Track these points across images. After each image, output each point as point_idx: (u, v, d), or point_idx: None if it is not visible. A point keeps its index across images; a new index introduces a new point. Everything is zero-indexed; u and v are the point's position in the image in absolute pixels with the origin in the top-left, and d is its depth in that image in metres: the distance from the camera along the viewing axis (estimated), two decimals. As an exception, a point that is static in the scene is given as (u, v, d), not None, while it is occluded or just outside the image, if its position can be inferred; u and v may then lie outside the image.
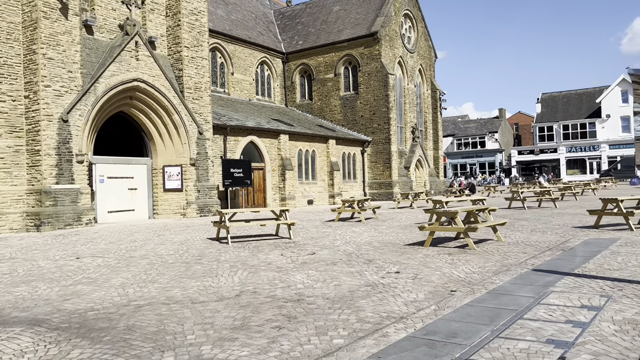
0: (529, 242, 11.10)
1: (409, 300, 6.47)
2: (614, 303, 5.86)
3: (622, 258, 8.66)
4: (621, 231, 12.31)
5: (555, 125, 60.51)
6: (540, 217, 17.11)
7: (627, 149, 52.72)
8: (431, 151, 39.21)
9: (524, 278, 7.46)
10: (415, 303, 6.31)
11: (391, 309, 6.05)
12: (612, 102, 56.35)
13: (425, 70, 39.01)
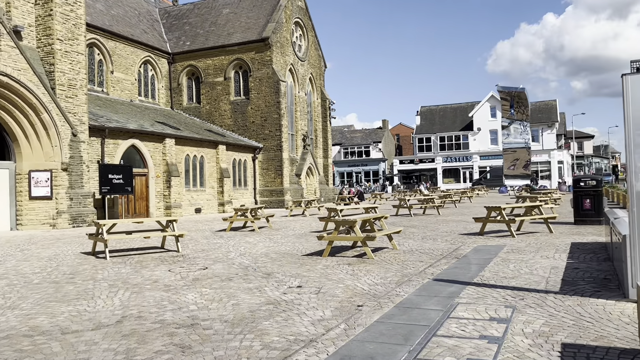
0: (423, 250, 11.20)
1: (315, 319, 5.98)
2: (519, 314, 5.84)
3: (513, 265, 8.94)
4: (504, 237, 12.95)
5: (433, 136, 64.43)
6: (427, 224, 17.65)
7: (496, 160, 57.56)
8: (321, 159, 39.56)
9: (428, 289, 7.32)
10: (323, 322, 5.83)
11: (298, 331, 5.51)
12: (483, 117, 61.32)
13: (316, 79, 39.35)
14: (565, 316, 5.66)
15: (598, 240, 11.83)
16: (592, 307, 5.98)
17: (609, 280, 7.37)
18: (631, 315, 5.57)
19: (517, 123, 47.78)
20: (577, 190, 16.11)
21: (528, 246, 11.29)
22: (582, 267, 8.52)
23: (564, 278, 7.67)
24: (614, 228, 7.85)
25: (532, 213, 14.82)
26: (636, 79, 5.89)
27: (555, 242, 11.73)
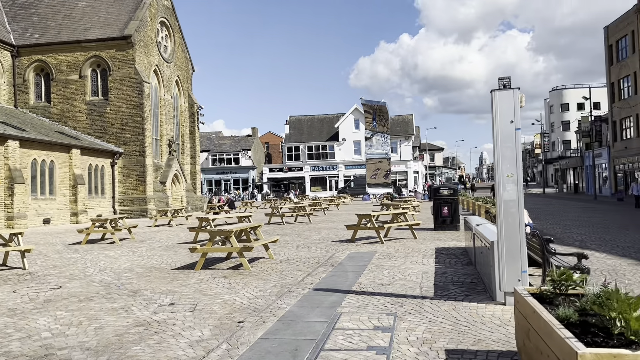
0: (299, 259, 11.09)
1: (193, 339, 5.47)
2: (401, 321, 5.90)
3: (387, 272, 9.16)
4: (374, 244, 13.35)
5: (302, 145, 65.66)
6: (300, 232, 17.68)
7: (359, 169, 60.31)
8: (188, 166, 38.03)
9: (309, 299, 7.15)
10: (202, 343, 5.35)
11: (175, 355, 4.98)
12: (347, 128, 63.98)
13: (183, 82, 37.84)
14: (444, 321, 5.83)
15: (458, 245, 12.70)
16: (465, 311, 6.25)
17: (476, 284, 7.84)
18: (501, 317, 5.90)
19: (378, 135, 50.50)
20: (436, 198, 17.26)
21: (397, 252, 11.73)
22: (449, 271, 9.00)
23: (436, 283, 8.01)
24: (478, 234, 8.40)
25: (398, 220, 15.54)
26: (504, 95, 6.31)
27: (421, 248, 12.36)
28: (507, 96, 6.30)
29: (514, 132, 6.30)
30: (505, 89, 6.34)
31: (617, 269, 9.06)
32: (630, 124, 43.65)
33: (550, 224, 18.77)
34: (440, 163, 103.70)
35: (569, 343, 2.92)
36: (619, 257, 10.46)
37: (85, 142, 28.34)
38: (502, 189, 6.32)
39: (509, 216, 6.28)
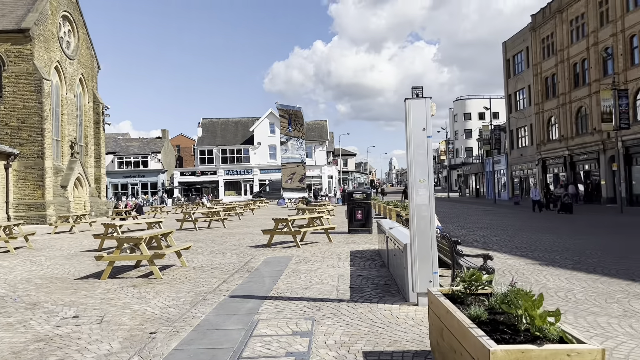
0: (214, 265, 10.82)
1: (101, 353, 5.14)
2: (319, 325, 5.92)
3: (304, 276, 9.18)
4: (291, 248, 13.35)
5: (215, 149, 64.42)
6: (214, 238, 17.29)
7: (275, 173, 60.17)
8: (92, 169, 35.92)
9: (225, 307, 6.99)
10: (112, 357, 5.04)
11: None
12: (263, 132, 63.69)
13: (87, 81, 35.75)
14: (360, 324, 5.93)
15: (372, 247, 13.02)
16: (381, 312, 6.40)
17: (389, 285, 8.06)
18: (414, 317, 6.11)
19: (294, 139, 50.74)
20: (350, 202, 17.62)
21: (313, 256, 11.81)
22: (364, 274, 9.19)
23: (352, 286, 8.14)
24: (391, 237, 8.65)
25: (314, 224, 15.66)
26: (417, 103, 6.56)
27: (337, 251, 12.53)
28: (420, 105, 6.56)
29: (426, 140, 6.57)
30: (418, 98, 6.60)
31: (517, 268, 9.72)
32: (525, 133, 47.28)
33: (455, 226, 19.80)
34: (353, 168, 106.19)
35: (482, 341, 3.06)
36: (517, 257, 11.24)
37: (-26, 142, 25.88)
38: (414, 194, 6.56)
39: (421, 220, 6.52)
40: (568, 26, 38.59)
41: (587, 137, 36.17)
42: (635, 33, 30.82)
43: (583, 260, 10.54)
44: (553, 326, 3.08)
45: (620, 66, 32.10)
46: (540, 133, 43.24)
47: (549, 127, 42.37)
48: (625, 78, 31.47)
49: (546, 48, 42.36)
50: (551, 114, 41.60)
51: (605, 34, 33.73)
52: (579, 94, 37.11)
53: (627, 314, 6.18)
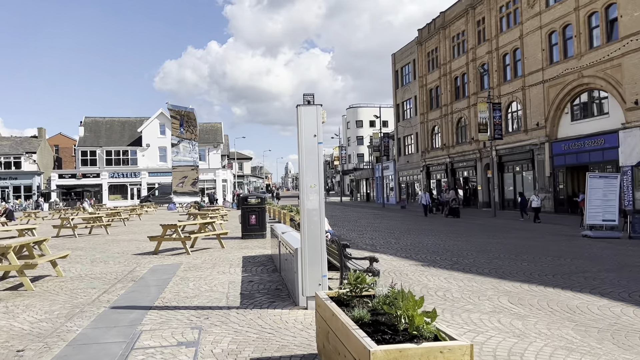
0: (94, 275, 10.14)
1: (-45, 379, 4.58)
2: (206, 334, 5.76)
3: (193, 284, 8.90)
4: (180, 255, 12.89)
5: (99, 150, 60.59)
6: (96, 245, 16.22)
7: (165, 177, 57.80)
8: (-46, 170, 32.14)
9: (105, 319, 6.56)
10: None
11: None
12: (152, 133, 60.97)
13: (-51, 71, 31.97)
14: (249, 330, 5.87)
15: (264, 252, 12.98)
16: (270, 318, 6.38)
17: (280, 290, 8.07)
18: (303, 321, 6.16)
19: (186, 142, 49.21)
20: (244, 207, 17.43)
21: (204, 263, 11.51)
22: (255, 279, 9.12)
23: (242, 292, 8.03)
24: (283, 242, 8.68)
25: (205, 230, 15.28)
26: (308, 110, 6.65)
27: (229, 257, 12.32)
28: (311, 112, 6.66)
29: (317, 146, 6.68)
30: (310, 105, 6.69)
31: (401, 269, 10.20)
32: (412, 141, 50.03)
33: (346, 230, 20.38)
34: (249, 172, 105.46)
35: (363, 342, 3.15)
36: (402, 258, 11.81)
37: None
38: (305, 199, 6.64)
39: (311, 224, 6.61)
40: (450, 42, 41.50)
41: (466, 146, 39.09)
42: (508, 52, 33.93)
43: (460, 260, 11.33)
44: (429, 325, 3.26)
45: (495, 81, 35.14)
46: (425, 141, 46.00)
47: (433, 136, 45.21)
48: (499, 92, 34.50)
49: (431, 61, 45.20)
50: (435, 124, 44.43)
51: (482, 51, 36.75)
52: (459, 105, 40.03)
53: (496, 310, 6.73)
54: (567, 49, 28.57)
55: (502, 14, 34.55)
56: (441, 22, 42.70)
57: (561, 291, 7.84)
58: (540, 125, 30.43)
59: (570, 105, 28.72)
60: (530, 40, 31.35)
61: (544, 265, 10.56)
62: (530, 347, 5.13)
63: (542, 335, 5.54)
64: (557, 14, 28.93)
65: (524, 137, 32.04)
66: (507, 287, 8.17)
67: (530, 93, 31.40)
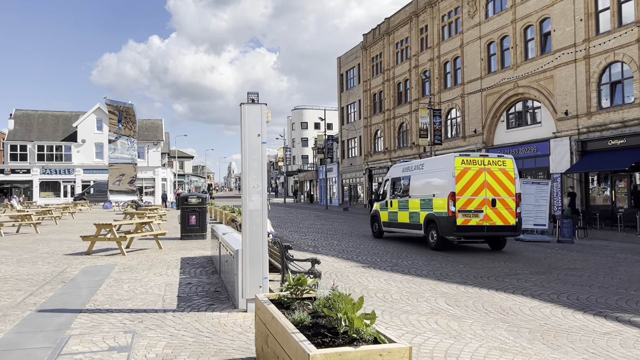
0: (20, 276, 9.54)
1: None
2: (140, 338, 5.53)
3: (127, 286, 8.55)
4: (115, 256, 12.38)
5: (30, 144, 57.43)
6: (23, 244, 15.31)
7: (101, 174, 55.54)
8: None
9: (30, 323, 6.17)
10: None
11: None
12: (88, 128, 58.41)
13: None
14: (186, 334, 5.68)
15: (204, 254, 12.68)
16: (208, 321, 6.21)
17: (220, 292, 7.89)
18: (242, 324, 6.04)
19: (124, 138, 47.52)
20: (184, 207, 16.98)
21: (140, 264, 11.10)
22: (194, 281, 8.88)
23: (179, 294, 7.79)
24: (224, 243, 8.50)
25: (142, 230, 14.77)
26: (252, 109, 6.53)
27: (166, 258, 11.95)
28: (255, 111, 6.55)
29: (261, 145, 6.57)
30: (254, 104, 6.58)
31: (343, 271, 10.25)
32: (355, 144, 50.63)
33: (289, 231, 20.31)
34: (190, 171, 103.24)
35: (302, 346, 3.09)
36: (344, 260, 11.87)
37: None
38: (248, 199, 6.51)
39: (253, 225, 6.49)
40: (394, 48, 42.34)
41: (407, 150, 39.97)
42: (449, 60, 35.00)
43: (400, 262, 11.53)
44: (369, 327, 3.25)
45: (436, 88, 36.15)
46: (368, 145, 46.67)
47: (376, 140, 45.95)
48: (439, 99, 35.52)
49: (375, 66, 45.94)
50: (378, 128, 45.17)
51: (425, 59, 37.72)
52: (402, 110, 40.89)
53: (434, 311, 6.86)
54: (504, 60, 29.81)
55: (444, 22, 35.61)
56: (386, 28, 43.49)
57: (495, 293, 8.11)
58: (477, 132, 31.57)
59: (506, 113, 29.98)
60: (470, 50, 32.48)
61: (479, 268, 10.91)
62: (466, 348, 5.26)
63: (477, 336, 5.70)
64: (495, 26, 30.13)
65: (462, 143, 33.13)
66: (444, 289, 8.36)
67: (469, 101, 32.53)
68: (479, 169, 13.76)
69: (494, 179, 13.84)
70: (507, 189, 13.88)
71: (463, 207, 13.47)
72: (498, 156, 14.31)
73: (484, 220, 13.56)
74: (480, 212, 13.57)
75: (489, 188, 13.75)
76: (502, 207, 13.76)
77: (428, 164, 15.62)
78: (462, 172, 13.59)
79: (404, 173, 16.78)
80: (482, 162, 13.89)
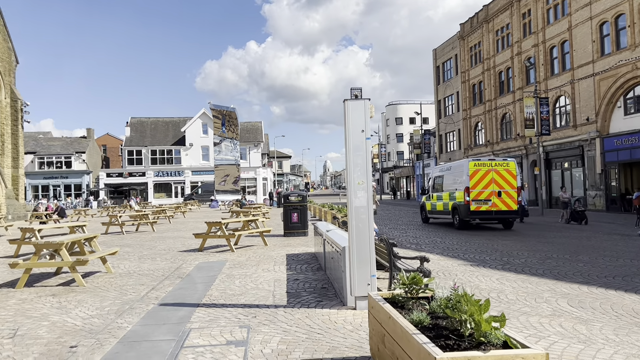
0: (142, 272, 10.27)
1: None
2: (255, 333, 5.68)
3: (239, 281, 8.88)
4: (225, 252, 12.96)
5: (144, 149, 62.12)
6: (142, 242, 16.53)
7: (207, 175, 58.80)
8: (9, 169, 33.52)
9: (154, 316, 6.59)
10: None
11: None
12: (195, 132, 62.07)
13: (4, 76, 33.35)
14: (298, 330, 5.75)
15: (308, 250, 12.88)
16: (319, 317, 6.24)
17: (327, 289, 7.94)
18: (352, 322, 5.99)
19: (228, 141, 49.86)
20: (286, 204, 17.40)
21: (249, 260, 11.51)
22: (301, 278, 9.02)
23: (288, 290, 7.94)
24: (328, 240, 8.54)
25: (248, 227, 15.32)
26: (356, 105, 6.47)
27: (272, 255, 12.29)
28: (359, 106, 6.48)
29: (365, 141, 6.49)
30: (357, 99, 6.51)
31: (450, 269, 9.90)
32: (454, 138, 49.07)
33: (388, 228, 20.08)
34: (288, 170, 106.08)
35: (427, 348, 2.96)
36: (449, 258, 11.48)
37: None
38: (353, 196, 6.46)
39: (359, 222, 6.43)
40: (494, 36, 40.42)
41: (511, 142, 37.99)
42: (555, 44, 32.74)
43: (511, 260, 10.91)
44: (497, 331, 3.04)
45: (541, 75, 33.98)
46: (468, 138, 44.99)
47: (476, 132, 44.18)
48: (546, 87, 33.35)
49: (474, 56, 44.17)
50: (478, 120, 43.39)
51: (528, 45, 35.61)
52: (504, 101, 38.94)
53: (556, 313, 6.38)
54: (619, 40, 27.32)
55: (549, 5, 33.36)
56: (484, 15, 41.63)
57: (625, 294, 7.39)
58: (590, 120, 29.23)
59: (623, 98, 27.46)
60: (579, 32, 30.15)
61: (602, 266, 10.04)
62: (599, 354, 4.80)
63: (610, 341, 5.19)
64: (608, 4, 27.69)
65: (573, 132, 30.86)
66: (564, 289, 7.77)
67: (579, 87, 30.20)
68: (487, 169, 18.01)
69: (499, 176, 18.08)
70: (510, 183, 18.12)
71: (475, 197, 17.91)
72: (503, 159, 18.70)
73: (492, 206, 17.95)
74: (489, 201, 17.96)
75: (495, 183, 18.01)
76: (506, 197, 18.05)
77: (453, 167, 20.30)
78: (474, 172, 17.94)
79: (439, 173, 21.62)
80: (491, 164, 18.21)
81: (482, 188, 17.82)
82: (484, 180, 17.87)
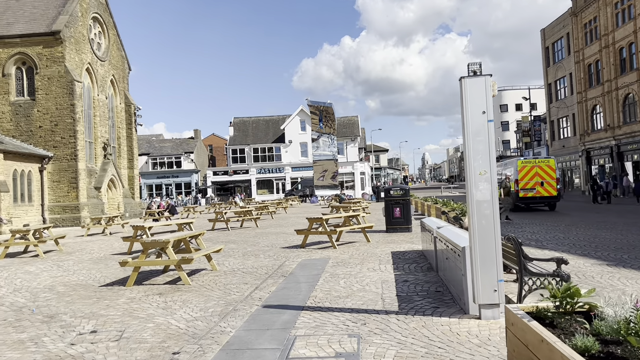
0: (246, 269, 10.10)
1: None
2: (366, 344, 5.06)
3: (344, 281, 8.33)
4: (326, 249, 12.53)
5: (247, 148, 64.19)
6: (246, 238, 16.63)
7: (306, 171, 59.46)
8: (126, 170, 35.94)
9: (258, 320, 6.21)
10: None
11: (88, 406, 3.92)
12: (293, 129, 63.04)
13: (119, 82, 35.74)
14: (415, 342, 5.05)
15: (414, 248, 12.07)
16: (437, 328, 5.49)
17: (442, 293, 7.13)
18: (479, 334, 5.17)
19: (325, 136, 49.94)
20: (388, 199, 16.64)
21: (352, 258, 10.96)
22: (410, 279, 8.28)
23: (398, 294, 7.24)
24: (441, 237, 7.72)
25: (350, 223, 14.79)
26: (474, 82, 5.61)
27: (376, 252, 11.64)
28: (479, 84, 5.61)
29: (487, 124, 5.62)
30: (476, 76, 5.65)
31: (583, 270, 8.64)
32: (567, 124, 45.20)
33: (501, 223, 18.58)
34: (385, 164, 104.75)
35: (616, 395, 2.15)
36: (579, 256, 10.12)
37: (9, 146, 25.98)
38: (474, 188, 5.62)
39: (482, 218, 5.58)
40: (612, 9, 36.49)
41: (636, 126, 34.11)
42: (690, 12, 28.75)
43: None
44: None
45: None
46: (584, 123, 41.18)
47: (593, 116, 40.30)
48: (678, 61, 29.42)
49: (588, 33, 40.26)
50: (595, 103, 39.53)
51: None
52: (627, 80, 35.04)
53: None
54: None
55: (683, -33, 29.33)
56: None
57: None
58: None
59: None
60: None
61: None
62: None
63: None
64: None
65: None
66: None
67: None
68: (532, 165, 23.36)
69: (542, 170, 23.27)
70: (550, 176, 23.26)
71: (523, 187, 23.19)
72: (545, 158, 24.63)
73: (537, 194, 23.20)
74: (534, 189, 23.17)
75: (539, 176, 23.16)
76: (548, 185, 23.22)
77: (509, 164, 25.85)
78: (522, 168, 23.34)
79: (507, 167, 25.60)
80: (535, 161, 23.74)
81: (528, 179, 23.17)
82: (530, 173, 23.19)
